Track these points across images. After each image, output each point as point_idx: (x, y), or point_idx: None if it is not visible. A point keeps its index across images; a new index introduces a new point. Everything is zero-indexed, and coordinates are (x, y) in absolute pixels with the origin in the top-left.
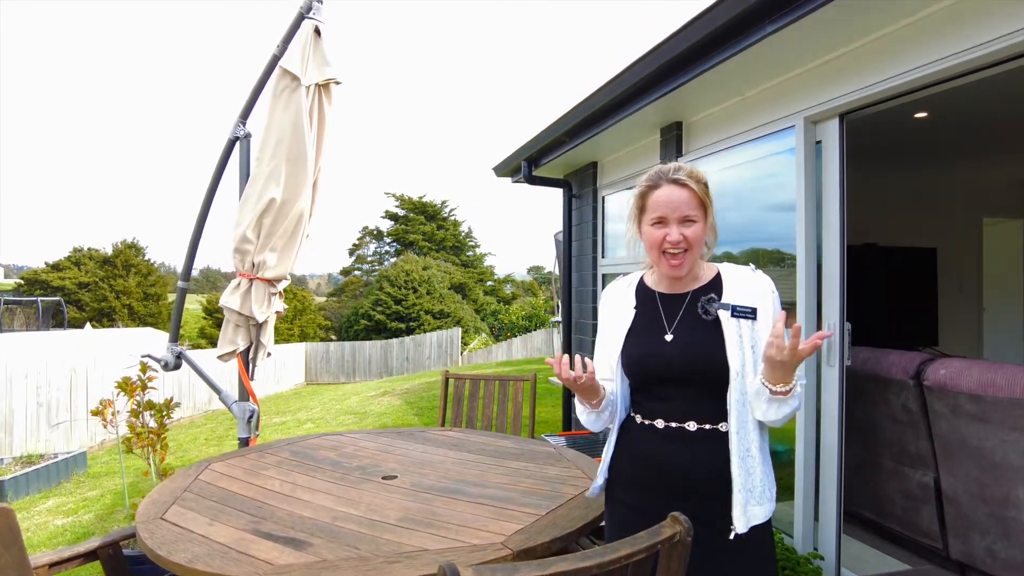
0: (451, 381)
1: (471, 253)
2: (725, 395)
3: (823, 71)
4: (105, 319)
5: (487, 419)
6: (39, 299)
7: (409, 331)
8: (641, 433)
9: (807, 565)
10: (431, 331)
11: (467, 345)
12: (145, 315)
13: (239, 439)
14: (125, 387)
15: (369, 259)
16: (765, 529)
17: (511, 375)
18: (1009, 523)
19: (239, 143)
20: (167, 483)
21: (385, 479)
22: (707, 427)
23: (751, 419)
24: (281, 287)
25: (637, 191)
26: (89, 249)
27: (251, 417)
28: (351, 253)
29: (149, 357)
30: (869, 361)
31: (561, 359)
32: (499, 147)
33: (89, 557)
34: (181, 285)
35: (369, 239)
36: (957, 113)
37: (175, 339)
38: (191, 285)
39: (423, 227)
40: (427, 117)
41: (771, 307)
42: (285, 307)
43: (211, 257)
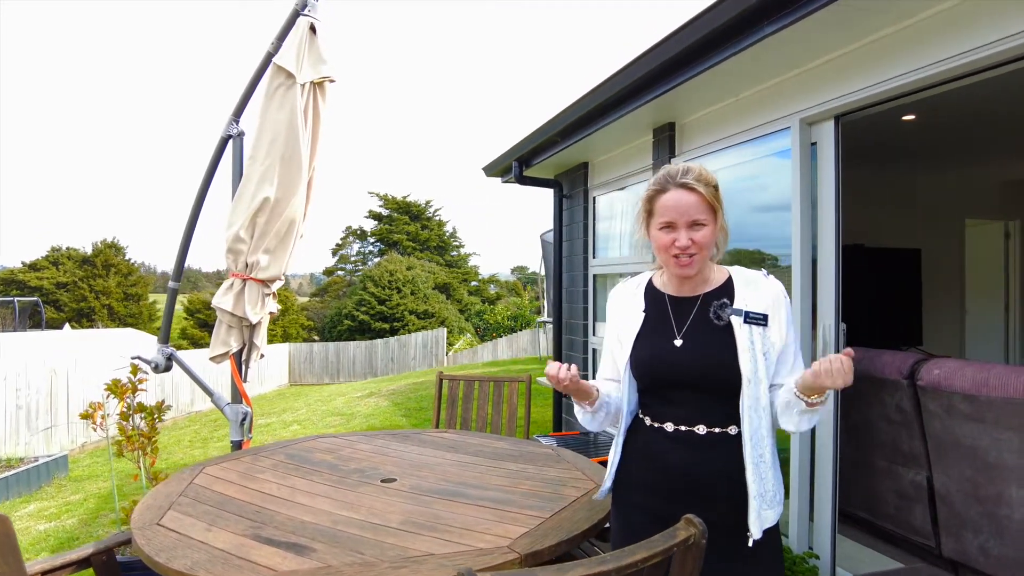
0: (445, 382)
1: (455, 253)
2: (735, 400)
3: (819, 73)
4: (84, 319)
5: (481, 420)
6: (16, 299)
7: (393, 331)
8: (650, 435)
9: (803, 564)
10: (416, 331)
11: (452, 345)
12: (125, 315)
13: (232, 442)
14: (115, 389)
15: (352, 259)
16: (774, 531)
17: (503, 375)
18: (1002, 521)
19: (232, 141)
20: (161, 487)
21: (384, 482)
22: (716, 431)
23: (764, 424)
24: (275, 288)
25: (645, 194)
26: (68, 249)
27: (244, 420)
28: (334, 253)
29: (139, 359)
30: (863, 361)
31: (560, 368)
32: (484, 147)
33: (82, 564)
34: (172, 285)
35: (352, 239)
36: (942, 117)
37: (165, 340)
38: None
39: (407, 227)
40: (411, 117)
41: (783, 313)
42: (279, 308)
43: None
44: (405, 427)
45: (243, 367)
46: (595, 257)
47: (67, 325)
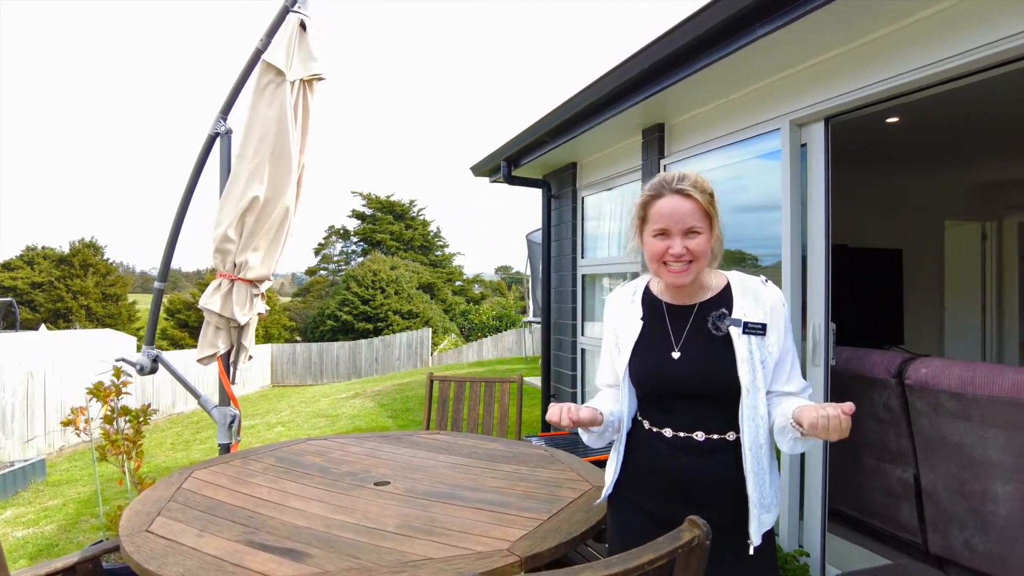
0: (435, 383)
1: (439, 253)
2: (734, 408)
3: (810, 74)
4: (61, 320)
5: (472, 421)
6: None
7: (377, 332)
8: (649, 440)
9: (794, 562)
10: (400, 331)
11: (437, 346)
12: (104, 316)
13: (219, 445)
14: (98, 392)
15: (335, 259)
16: (769, 533)
17: (493, 376)
18: (987, 517)
19: (220, 139)
20: (149, 492)
21: (378, 485)
22: (715, 437)
23: (762, 432)
24: (264, 288)
25: (639, 200)
26: (43, 248)
27: (232, 422)
28: (316, 252)
29: (124, 361)
30: (851, 361)
31: (561, 412)
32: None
33: (67, 573)
34: (158, 286)
35: (335, 238)
36: (925, 120)
37: (151, 342)
38: (152, 285)
39: (391, 226)
40: (394, 115)
41: (781, 321)
42: (267, 309)
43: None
44: (392, 428)
45: (231, 369)
46: (584, 257)
47: (43, 326)
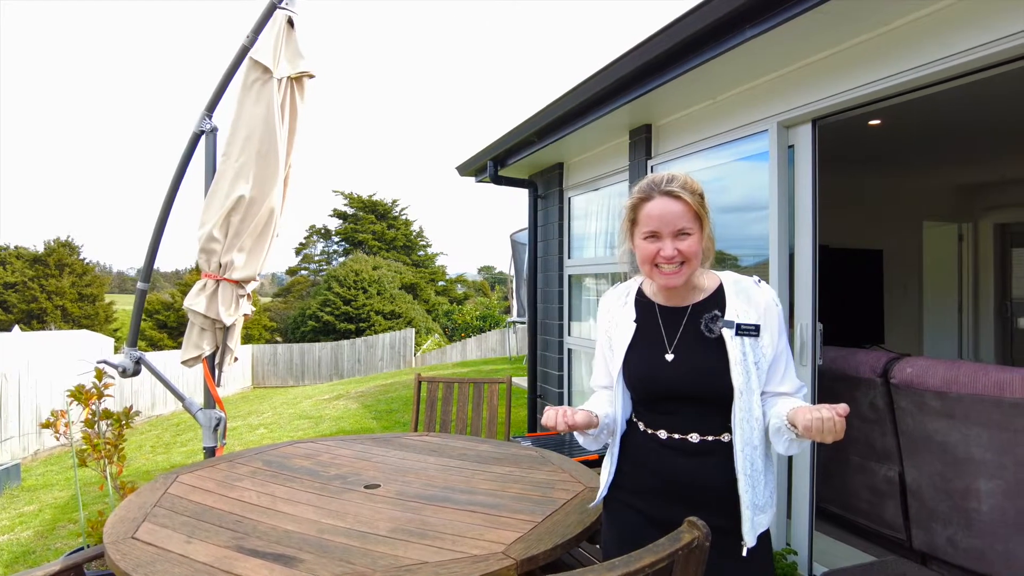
0: (423, 384)
1: (422, 253)
2: (728, 410)
3: (798, 76)
4: (35, 321)
5: (461, 422)
6: None
7: (359, 332)
8: (644, 441)
9: (782, 561)
10: (382, 332)
11: (420, 346)
12: (80, 316)
13: (204, 448)
14: (79, 395)
15: (316, 258)
16: (764, 534)
17: (480, 377)
18: (970, 514)
19: (204, 137)
20: (134, 498)
21: (368, 488)
22: (709, 439)
23: (756, 434)
24: (250, 288)
25: (628, 202)
26: (17, 247)
27: (218, 425)
28: (297, 252)
29: (106, 363)
30: (837, 360)
31: (557, 416)
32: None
33: None
34: (141, 287)
35: (316, 238)
36: (905, 123)
37: (134, 343)
38: (129, 285)
39: (373, 226)
40: (376, 114)
41: (775, 322)
42: (253, 309)
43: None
44: (377, 430)
45: (216, 371)
46: (570, 257)
47: (16, 327)
